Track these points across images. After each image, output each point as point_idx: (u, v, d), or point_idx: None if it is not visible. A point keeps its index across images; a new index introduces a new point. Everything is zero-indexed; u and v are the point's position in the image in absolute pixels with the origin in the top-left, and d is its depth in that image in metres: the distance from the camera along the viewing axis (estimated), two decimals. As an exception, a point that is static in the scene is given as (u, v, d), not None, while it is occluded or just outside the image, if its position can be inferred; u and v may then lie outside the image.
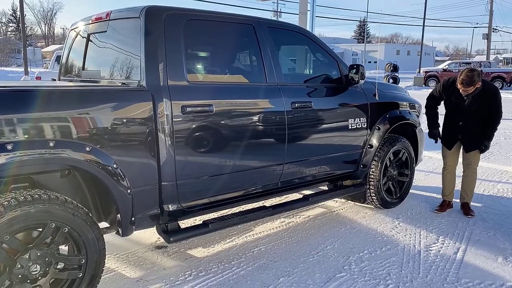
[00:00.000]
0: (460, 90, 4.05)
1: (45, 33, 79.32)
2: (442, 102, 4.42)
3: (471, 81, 3.93)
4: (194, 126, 2.92)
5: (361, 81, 3.89)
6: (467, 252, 3.54)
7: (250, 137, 3.26)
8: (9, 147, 2.18)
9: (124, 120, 2.63)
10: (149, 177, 2.78)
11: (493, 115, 4.14)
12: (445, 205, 4.47)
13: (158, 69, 2.80)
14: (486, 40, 38.50)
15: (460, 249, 3.60)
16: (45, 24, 78.46)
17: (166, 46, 2.85)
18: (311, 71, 4.29)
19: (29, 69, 25.63)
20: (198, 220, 3.68)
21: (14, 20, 73.74)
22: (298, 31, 3.90)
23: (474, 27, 46.77)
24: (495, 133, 4.24)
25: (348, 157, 4.08)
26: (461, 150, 4.40)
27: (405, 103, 4.61)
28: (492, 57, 40.51)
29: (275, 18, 32.99)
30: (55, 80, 4.00)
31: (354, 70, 3.88)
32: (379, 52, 55.76)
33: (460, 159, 4.43)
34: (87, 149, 2.44)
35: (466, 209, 4.38)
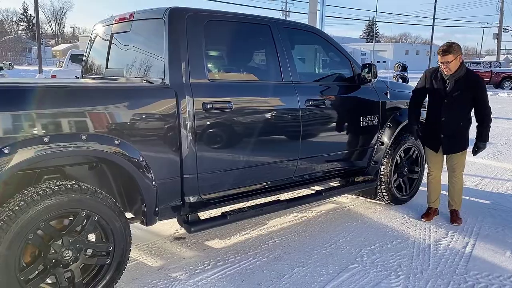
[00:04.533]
0: (442, 68, 3.84)
1: (55, 32, 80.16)
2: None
3: (449, 48, 3.74)
4: (214, 122, 3.06)
5: (374, 80, 4.00)
6: (476, 246, 3.64)
7: (266, 133, 3.39)
8: (46, 139, 2.34)
9: (150, 116, 2.77)
10: (172, 170, 2.92)
11: (482, 110, 3.90)
12: (431, 213, 4.25)
13: (180, 67, 2.94)
14: (496, 40, 38.23)
15: (469, 243, 3.71)
16: (55, 23, 79.31)
17: (188, 45, 2.99)
18: (325, 70, 4.41)
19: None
20: (214, 212, 3.82)
21: (25, 19, 74.62)
22: (312, 31, 4.02)
23: (484, 27, 46.50)
24: (488, 133, 3.98)
25: (360, 153, 4.20)
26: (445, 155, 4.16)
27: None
28: (502, 57, 40.21)
29: (283, 18, 33.08)
30: (78, 78, 4.16)
31: (367, 69, 4.00)
32: (388, 51, 55.64)
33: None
34: (116, 142, 2.59)
35: (454, 216, 4.15)
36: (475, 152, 4.03)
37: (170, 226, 3.90)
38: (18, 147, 2.26)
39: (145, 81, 3.04)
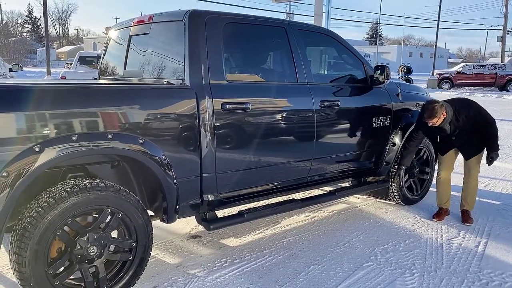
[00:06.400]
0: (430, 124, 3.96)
1: (59, 34, 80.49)
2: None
3: (432, 114, 3.83)
4: (232, 122, 3.13)
5: (386, 82, 4.06)
6: (488, 246, 3.69)
7: (282, 134, 3.46)
8: (74, 138, 2.41)
9: (171, 116, 2.84)
10: (192, 169, 2.99)
11: (484, 126, 3.98)
12: (442, 213, 4.31)
13: (200, 68, 3.01)
14: (500, 43, 38.17)
15: (481, 243, 3.76)
16: (59, 25, 79.69)
17: (208, 47, 3.06)
18: (338, 72, 4.46)
19: (46, 69, 26.11)
20: (227, 212, 3.88)
21: (30, 21, 75.03)
22: (325, 33, 4.09)
23: (489, 29, 46.45)
24: (497, 142, 4.00)
25: (372, 154, 4.26)
26: (458, 157, 4.28)
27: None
28: (506, 60, 40.14)
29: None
30: (96, 78, 4.24)
31: (379, 71, 4.06)
32: (391, 54, 55.60)
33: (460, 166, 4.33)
34: (140, 141, 2.66)
35: (465, 216, 4.22)
36: (489, 162, 4.02)
37: (185, 224, 3.97)
38: (48, 145, 2.34)
39: (165, 82, 3.11)
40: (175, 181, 2.87)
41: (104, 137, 2.52)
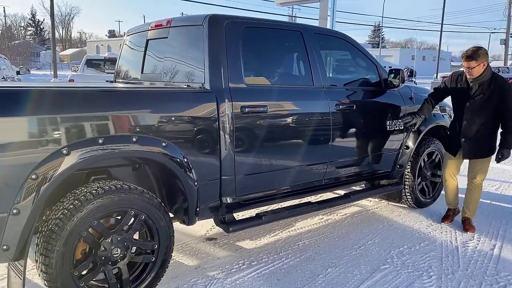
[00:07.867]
0: (465, 71, 3.86)
1: (62, 37, 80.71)
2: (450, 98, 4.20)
3: (473, 54, 3.75)
4: (251, 125, 3.15)
5: (401, 85, 4.09)
6: (504, 249, 3.70)
7: (298, 137, 3.49)
8: (100, 141, 2.44)
9: (192, 119, 2.87)
10: (212, 171, 3.02)
11: (505, 114, 3.82)
12: (450, 214, 4.30)
13: (220, 72, 3.04)
14: (503, 46, 38.19)
15: (496, 245, 3.77)
16: (62, 28, 79.91)
17: (227, 51, 3.09)
18: (353, 75, 4.49)
19: (50, 72, 26.24)
20: (242, 214, 3.90)
21: (33, 24, 75.32)
22: (340, 36, 4.11)
23: (492, 32, 46.46)
24: None
25: (386, 157, 4.28)
26: (466, 161, 4.16)
27: (437, 106, 4.78)
28: (509, 63, 40.12)
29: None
30: (112, 82, 4.27)
31: (393, 75, 4.09)
32: (393, 57, 55.69)
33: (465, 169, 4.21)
34: (163, 144, 2.69)
35: (466, 225, 4.10)
36: (498, 159, 3.91)
37: (201, 227, 3.99)
38: (75, 148, 2.37)
39: (185, 86, 3.14)
40: (196, 183, 2.90)
41: (129, 140, 2.56)
